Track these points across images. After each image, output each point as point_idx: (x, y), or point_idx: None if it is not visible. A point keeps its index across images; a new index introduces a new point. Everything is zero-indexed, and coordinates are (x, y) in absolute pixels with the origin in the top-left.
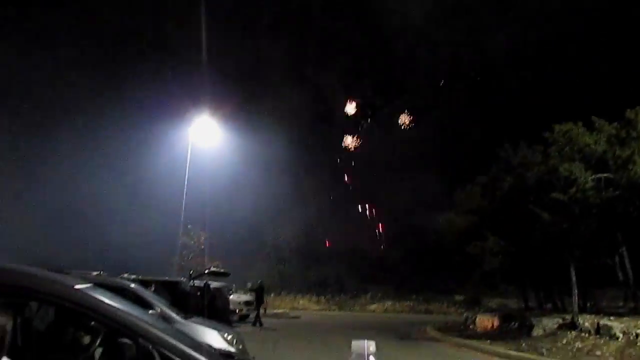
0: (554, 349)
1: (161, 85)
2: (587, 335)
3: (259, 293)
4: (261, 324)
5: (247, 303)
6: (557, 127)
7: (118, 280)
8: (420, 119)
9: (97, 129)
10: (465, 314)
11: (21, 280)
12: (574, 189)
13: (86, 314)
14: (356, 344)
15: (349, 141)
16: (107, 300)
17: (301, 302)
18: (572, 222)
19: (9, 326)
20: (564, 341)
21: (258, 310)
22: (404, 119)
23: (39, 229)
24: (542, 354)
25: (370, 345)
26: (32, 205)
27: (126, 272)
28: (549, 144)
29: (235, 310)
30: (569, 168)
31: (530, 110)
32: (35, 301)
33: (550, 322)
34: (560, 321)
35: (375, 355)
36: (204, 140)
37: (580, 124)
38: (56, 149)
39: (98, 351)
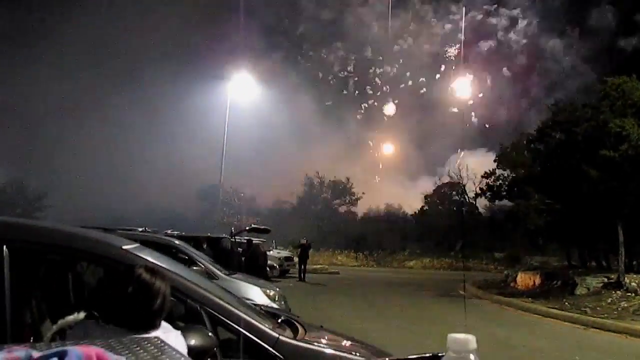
0: (598, 308)
1: (200, 42)
2: (633, 294)
3: (304, 250)
4: (304, 279)
5: (287, 259)
6: (610, 81)
7: (163, 237)
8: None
9: (137, 89)
10: (505, 272)
11: (72, 242)
12: (625, 146)
13: None
14: (453, 338)
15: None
16: (154, 260)
17: (339, 258)
18: (622, 180)
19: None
20: (609, 300)
21: (302, 266)
22: None
23: (86, 189)
24: (585, 313)
25: (470, 341)
26: (79, 166)
27: (170, 229)
28: (601, 98)
29: (275, 266)
30: (620, 123)
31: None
32: (84, 262)
33: (595, 281)
34: (605, 280)
35: (476, 352)
36: (243, 97)
37: (634, 77)
38: (99, 112)
39: None
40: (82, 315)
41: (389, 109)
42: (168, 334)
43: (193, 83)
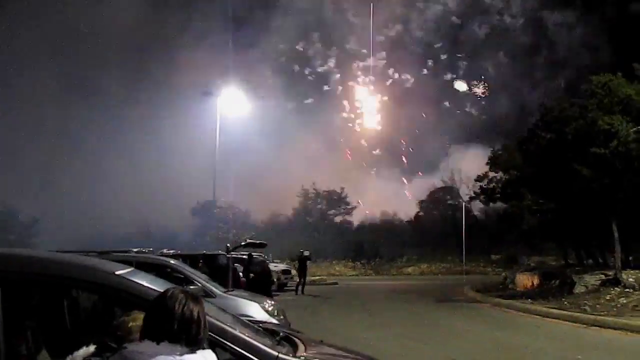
0: (597, 306)
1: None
2: (631, 290)
3: (303, 263)
4: (303, 292)
5: (284, 272)
6: (595, 79)
7: (158, 257)
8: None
9: (127, 109)
10: (503, 274)
11: (63, 270)
12: (614, 142)
13: (127, 299)
14: None
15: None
16: (147, 284)
17: (337, 268)
18: (613, 177)
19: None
20: (607, 297)
21: (302, 279)
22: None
23: (80, 212)
24: (585, 311)
25: None
26: (72, 188)
27: (165, 248)
28: (588, 97)
29: (274, 280)
30: (609, 121)
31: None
32: (77, 289)
33: (592, 279)
34: (603, 277)
35: None
36: (232, 111)
37: (619, 74)
38: (90, 132)
39: None
40: (92, 348)
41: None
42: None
43: (183, 100)
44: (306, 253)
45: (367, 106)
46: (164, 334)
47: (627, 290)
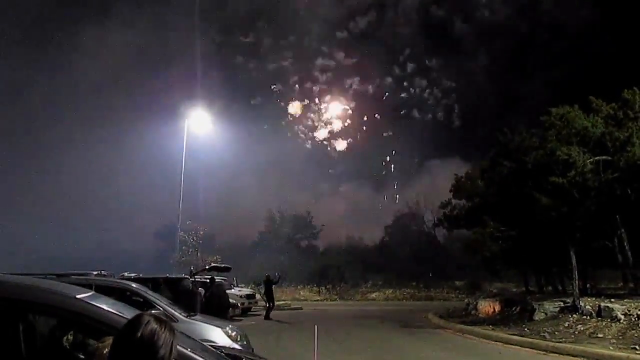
0: (556, 333)
1: (156, 81)
2: (588, 317)
3: (269, 286)
4: (269, 317)
5: (248, 296)
6: (554, 111)
7: (119, 280)
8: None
9: (92, 126)
10: (466, 300)
11: (22, 294)
12: (572, 172)
13: (88, 323)
14: None
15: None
16: (108, 308)
17: (302, 292)
18: (571, 206)
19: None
20: (566, 324)
21: (269, 303)
22: None
23: (39, 233)
24: (544, 338)
25: None
26: (31, 208)
27: (126, 271)
28: (547, 128)
29: (237, 304)
30: (566, 151)
31: (528, 95)
32: (36, 314)
33: (552, 306)
34: (562, 304)
35: None
36: (200, 134)
37: (576, 106)
38: (51, 151)
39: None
40: None
41: (342, 144)
42: None
43: (148, 122)
44: (270, 275)
45: (335, 128)
46: None
47: (585, 317)
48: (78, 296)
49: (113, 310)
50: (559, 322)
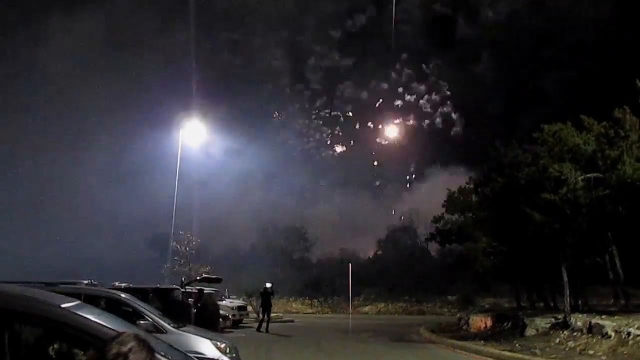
0: (547, 349)
1: (151, 91)
2: (579, 334)
3: (266, 297)
4: (259, 329)
5: (240, 308)
6: (546, 128)
7: (108, 290)
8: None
9: (86, 136)
10: (458, 315)
11: (6, 302)
12: (564, 189)
13: (72, 333)
14: None
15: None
16: (93, 318)
17: (294, 305)
18: (563, 222)
19: None
20: (557, 340)
21: (264, 315)
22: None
23: (31, 240)
24: (535, 354)
25: None
26: (21, 216)
27: (117, 281)
28: (539, 144)
29: (228, 316)
30: (558, 168)
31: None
32: (21, 323)
33: (543, 322)
34: (553, 320)
35: None
36: (194, 145)
37: (569, 124)
38: (44, 158)
39: None
40: None
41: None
42: None
43: (142, 132)
44: (268, 285)
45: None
46: None
47: (575, 333)
48: (63, 305)
49: (98, 321)
50: (550, 338)
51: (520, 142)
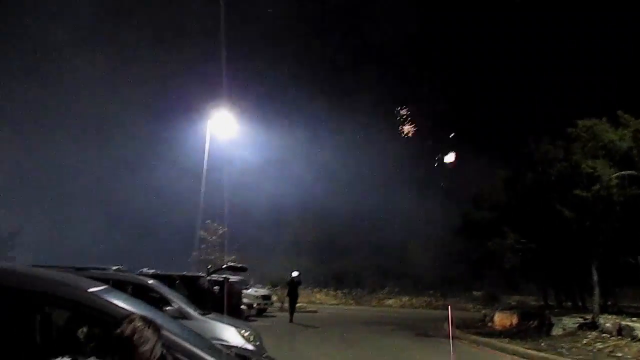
0: (574, 349)
1: (180, 80)
2: (608, 336)
3: (293, 286)
4: (291, 320)
5: (264, 297)
6: (580, 123)
7: (136, 276)
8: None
9: (115, 126)
10: (483, 311)
11: (36, 285)
12: (597, 186)
13: (98, 316)
14: None
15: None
16: (120, 303)
17: (318, 296)
18: (594, 220)
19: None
20: (584, 341)
21: (292, 304)
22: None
23: (61, 226)
24: (561, 354)
25: None
26: (56, 202)
27: (145, 267)
28: (572, 140)
29: (253, 305)
30: (592, 165)
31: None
32: (49, 305)
33: (571, 322)
34: (581, 321)
35: None
36: (223, 134)
37: (604, 119)
38: (76, 147)
39: None
40: (66, 359)
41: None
42: None
43: (171, 121)
44: (295, 274)
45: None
46: (111, 354)
47: (604, 335)
48: (91, 290)
49: (124, 306)
50: (578, 338)
51: (553, 137)
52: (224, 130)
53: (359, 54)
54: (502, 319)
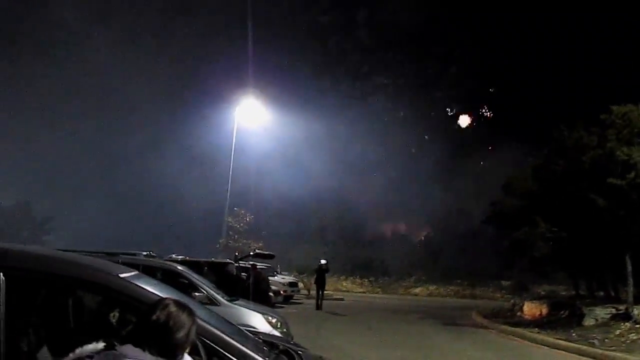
0: (606, 340)
1: (208, 67)
2: None
3: (321, 274)
4: (318, 308)
5: (291, 284)
6: (615, 109)
7: (165, 262)
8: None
9: (143, 115)
10: (512, 301)
11: (68, 269)
12: (632, 174)
13: (129, 302)
14: None
15: None
16: (150, 288)
17: (344, 284)
18: (629, 209)
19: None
20: (617, 332)
21: (320, 292)
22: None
23: (93, 212)
24: (593, 345)
25: None
26: (87, 188)
27: (174, 253)
28: (606, 127)
29: (280, 292)
30: (627, 152)
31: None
32: (80, 289)
33: (603, 312)
34: (614, 311)
35: None
36: (250, 122)
37: None
38: (105, 136)
39: None
40: (101, 344)
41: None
42: None
43: (199, 108)
44: (323, 262)
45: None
46: (147, 340)
47: (638, 326)
48: (122, 275)
49: (154, 291)
50: (610, 329)
51: (585, 124)
52: (251, 119)
53: (384, 38)
54: (531, 309)
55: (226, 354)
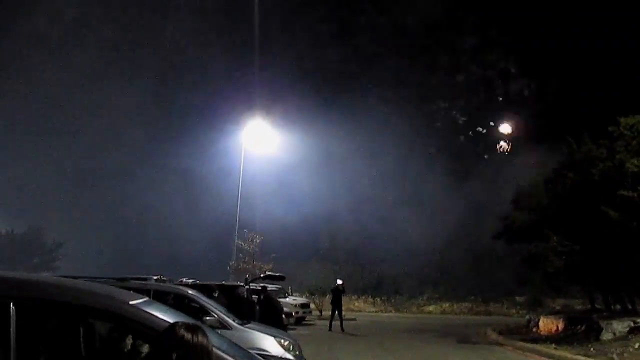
0: (625, 354)
1: (214, 90)
2: None
3: (337, 294)
4: (339, 328)
5: (303, 305)
6: (622, 120)
7: (176, 287)
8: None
9: (152, 138)
10: (527, 316)
11: (77, 298)
12: None
13: (139, 329)
14: None
15: None
16: (160, 315)
17: (357, 303)
18: None
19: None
20: (636, 346)
21: (336, 312)
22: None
23: (103, 237)
24: (612, 359)
25: None
26: (97, 214)
27: (184, 277)
28: (615, 138)
29: (292, 313)
30: (637, 163)
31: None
32: (90, 318)
33: (621, 326)
34: (632, 324)
35: None
36: (258, 144)
37: None
38: (115, 160)
39: None
40: None
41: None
42: None
43: (207, 131)
44: (339, 282)
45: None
46: None
47: None
48: (132, 302)
49: (165, 318)
50: (629, 343)
51: (592, 136)
52: (258, 140)
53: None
54: (547, 324)
55: None
